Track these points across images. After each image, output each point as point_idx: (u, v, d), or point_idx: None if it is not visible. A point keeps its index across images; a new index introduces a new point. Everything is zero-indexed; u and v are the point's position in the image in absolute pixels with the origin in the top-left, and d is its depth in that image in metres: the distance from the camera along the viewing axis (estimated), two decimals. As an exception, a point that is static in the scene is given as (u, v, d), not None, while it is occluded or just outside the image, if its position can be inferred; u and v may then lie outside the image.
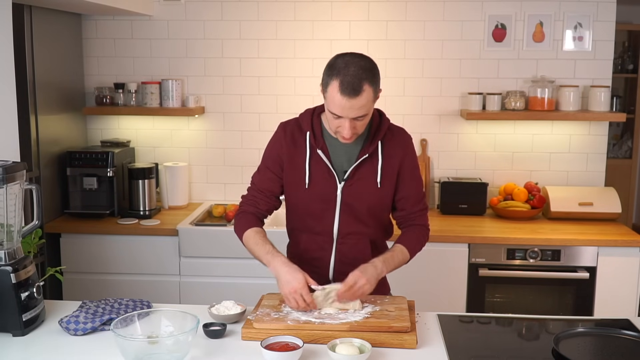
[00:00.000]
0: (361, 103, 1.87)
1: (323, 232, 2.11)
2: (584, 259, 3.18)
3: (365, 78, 1.87)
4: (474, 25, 3.64)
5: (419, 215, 2.13)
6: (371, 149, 2.04)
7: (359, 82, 1.85)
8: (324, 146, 2.05)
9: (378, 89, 1.94)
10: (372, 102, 1.92)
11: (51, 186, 3.40)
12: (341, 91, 1.85)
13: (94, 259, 3.31)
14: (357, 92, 1.85)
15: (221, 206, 3.64)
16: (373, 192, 2.06)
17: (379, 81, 1.94)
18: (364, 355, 1.69)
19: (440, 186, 3.60)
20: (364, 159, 2.04)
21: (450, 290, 3.23)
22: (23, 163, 2.00)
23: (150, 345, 1.67)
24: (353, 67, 1.87)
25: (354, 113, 1.88)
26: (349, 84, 1.85)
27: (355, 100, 1.86)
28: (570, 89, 3.56)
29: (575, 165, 3.73)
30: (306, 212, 2.12)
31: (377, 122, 2.08)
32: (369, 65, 1.91)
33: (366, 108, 1.90)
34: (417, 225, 2.13)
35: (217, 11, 3.71)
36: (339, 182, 2.06)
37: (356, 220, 2.09)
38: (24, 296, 1.89)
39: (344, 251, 2.11)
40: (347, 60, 1.89)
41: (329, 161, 2.05)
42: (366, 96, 1.87)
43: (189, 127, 3.83)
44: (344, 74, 1.86)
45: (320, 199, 2.07)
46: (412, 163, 2.12)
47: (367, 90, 1.87)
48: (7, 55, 2.56)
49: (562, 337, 1.85)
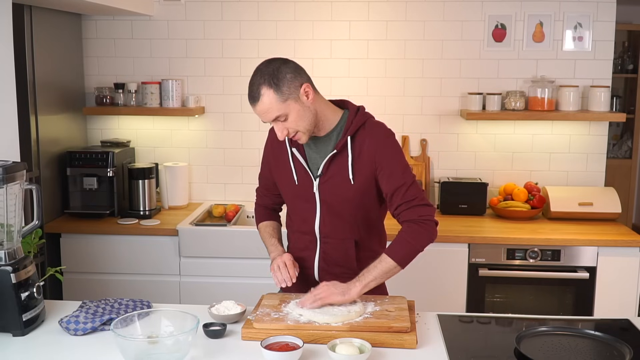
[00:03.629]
0: (264, 107, 1.94)
1: (308, 231, 2.15)
2: (584, 259, 3.18)
3: (262, 83, 1.92)
4: (474, 25, 3.64)
5: (405, 209, 2.00)
6: (339, 145, 2.04)
7: (256, 89, 1.94)
8: (299, 145, 2.10)
9: (288, 89, 1.93)
10: (280, 102, 1.93)
11: (51, 186, 3.40)
12: (249, 101, 1.97)
13: (94, 259, 3.31)
14: (255, 98, 1.95)
15: (221, 206, 3.64)
16: (347, 188, 2.06)
17: (284, 81, 1.92)
18: (364, 355, 1.69)
19: (440, 186, 3.60)
20: (334, 155, 2.05)
21: (450, 290, 3.23)
22: (23, 163, 2.00)
23: (150, 345, 1.67)
24: (255, 75, 1.96)
25: (266, 117, 1.97)
26: (250, 93, 1.96)
27: (257, 106, 1.95)
28: (570, 89, 3.56)
29: (575, 165, 3.73)
30: (294, 211, 2.20)
31: (351, 119, 2.07)
32: (269, 70, 1.94)
33: (275, 110, 1.94)
34: (408, 221, 2.00)
35: (217, 11, 3.71)
36: (314, 179, 2.08)
37: (338, 219, 2.10)
38: (24, 296, 1.89)
39: (328, 251, 2.13)
40: (254, 72, 1.97)
41: (304, 159, 2.10)
42: (267, 100, 1.93)
43: (189, 127, 3.83)
44: (249, 84, 1.97)
45: (302, 197, 2.12)
46: (389, 156, 2.02)
47: (265, 94, 1.92)
48: (7, 55, 2.56)
49: (524, 336, 1.87)
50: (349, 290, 1.94)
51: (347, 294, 1.93)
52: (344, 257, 2.12)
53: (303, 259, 2.17)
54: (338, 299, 1.92)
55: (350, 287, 1.94)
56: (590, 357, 1.82)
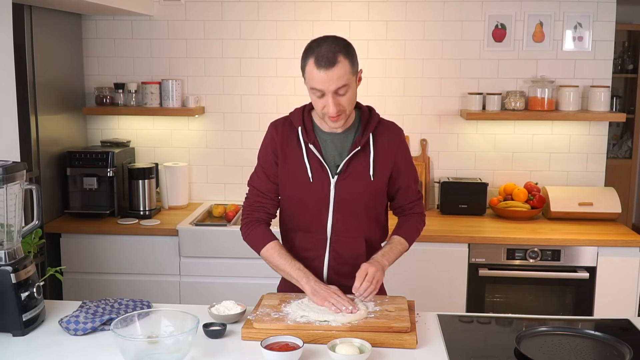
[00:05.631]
0: (338, 74, 1.91)
1: (317, 230, 2.10)
2: (584, 259, 3.18)
3: (339, 51, 1.92)
4: (474, 25, 3.64)
5: (416, 204, 2.22)
6: (363, 141, 2.05)
7: (333, 55, 1.90)
8: (316, 141, 2.06)
9: (356, 66, 1.97)
10: (351, 75, 1.94)
11: (51, 186, 3.40)
12: (317, 65, 1.91)
13: (94, 259, 3.31)
14: (332, 63, 1.90)
15: (221, 206, 3.64)
16: (367, 185, 2.06)
17: (355, 58, 1.97)
18: (364, 355, 1.69)
19: (440, 186, 3.60)
20: (356, 152, 2.05)
21: (450, 290, 3.23)
22: (23, 163, 2.00)
23: (150, 345, 1.66)
24: (325, 43, 1.93)
25: (333, 84, 1.91)
26: (323, 57, 1.90)
27: (331, 72, 1.90)
28: (570, 89, 3.56)
29: (575, 165, 3.73)
30: (302, 209, 2.12)
31: (367, 116, 2.09)
32: (342, 42, 1.96)
33: (345, 79, 1.92)
34: (414, 213, 2.21)
35: (217, 11, 3.71)
36: (332, 176, 2.06)
37: (351, 217, 2.09)
38: (24, 296, 1.89)
39: (338, 250, 2.11)
40: (319, 40, 1.96)
41: (320, 156, 2.06)
42: (342, 67, 1.91)
43: (189, 127, 3.83)
44: (318, 51, 1.92)
45: (315, 194, 2.08)
46: (406, 154, 2.16)
47: (342, 61, 1.91)
48: (7, 55, 2.56)
49: (524, 336, 1.88)
50: (382, 266, 2.03)
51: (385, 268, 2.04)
52: (354, 255, 2.10)
53: (310, 259, 2.12)
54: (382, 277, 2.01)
55: (382, 262, 2.04)
56: (590, 357, 1.82)
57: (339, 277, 2.11)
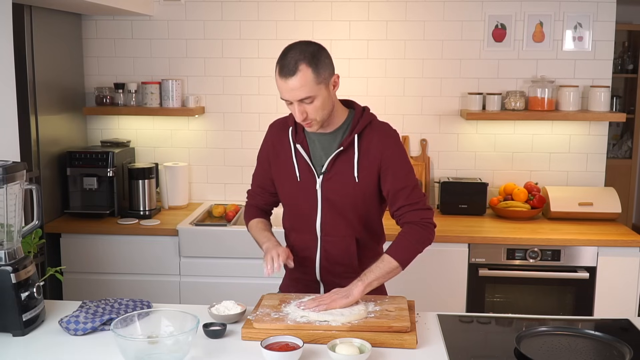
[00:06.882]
0: (298, 83, 1.91)
1: (308, 230, 2.13)
2: (584, 259, 3.18)
3: (302, 59, 1.91)
4: (474, 25, 3.64)
5: (408, 211, 2.04)
6: (347, 142, 2.05)
7: (294, 63, 1.91)
8: (304, 141, 2.09)
9: (325, 74, 1.95)
10: (315, 84, 1.92)
11: (51, 186, 3.40)
12: (280, 74, 1.93)
13: (94, 259, 3.31)
14: (292, 72, 1.90)
15: (221, 206, 3.64)
16: (351, 186, 2.06)
17: (324, 65, 1.94)
18: (364, 355, 1.69)
19: (440, 186, 3.60)
20: (340, 152, 2.05)
21: (450, 290, 3.23)
22: (23, 163, 2.00)
23: (150, 345, 1.67)
24: (291, 51, 1.94)
25: (294, 94, 1.92)
26: (284, 66, 1.92)
27: (291, 81, 1.91)
28: (570, 89, 3.56)
29: (575, 165, 3.73)
30: (294, 209, 2.17)
31: (357, 118, 2.08)
32: (310, 49, 1.94)
33: (307, 89, 1.92)
34: (409, 223, 2.04)
35: (217, 11, 3.71)
36: (317, 176, 2.08)
37: (339, 217, 2.10)
38: (24, 296, 1.89)
39: (329, 249, 2.12)
40: (288, 48, 1.96)
41: (307, 156, 2.08)
42: (303, 77, 1.90)
43: (189, 127, 3.83)
44: (283, 59, 1.94)
45: (303, 194, 2.10)
46: (395, 157, 2.05)
47: (303, 70, 1.90)
48: (7, 55, 2.56)
49: (524, 336, 1.87)
50: (351, 291, 1.94)
51: (351, 296, 1.93)
52: (345, 254, 2.12)
53: (304, 259, 2.15)
54: (342, 302, 1.92)
55: (352, 289, 1.94)
56: (590, 357, 1.82)
57: (331, 276, 2.13)
